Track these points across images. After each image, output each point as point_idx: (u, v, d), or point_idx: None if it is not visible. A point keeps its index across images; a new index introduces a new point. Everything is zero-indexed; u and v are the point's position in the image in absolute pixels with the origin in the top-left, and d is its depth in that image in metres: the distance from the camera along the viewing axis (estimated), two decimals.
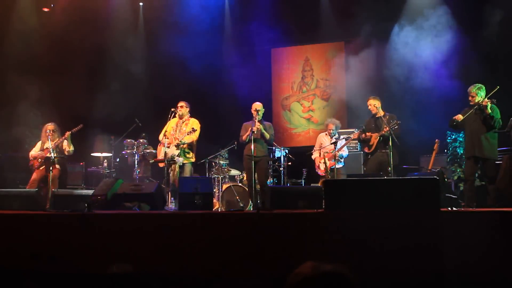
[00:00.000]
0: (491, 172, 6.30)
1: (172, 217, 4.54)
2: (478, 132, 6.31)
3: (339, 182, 5.23)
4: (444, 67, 8.47)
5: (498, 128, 6.27)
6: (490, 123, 6.20)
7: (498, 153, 6.46)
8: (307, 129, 10.73)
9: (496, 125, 6.22)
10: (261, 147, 7.28)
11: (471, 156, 6.38)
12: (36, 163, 7.45)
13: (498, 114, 6.27)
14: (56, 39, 9.61)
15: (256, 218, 4.21)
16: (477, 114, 6.32)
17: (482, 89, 6.35)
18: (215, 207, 7.74)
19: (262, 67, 10.68)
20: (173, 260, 4.04)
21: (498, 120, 6.23)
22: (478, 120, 6.32)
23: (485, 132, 6.27)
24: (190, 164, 7.22)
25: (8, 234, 4.43)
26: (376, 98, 7.25)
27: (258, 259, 3.88)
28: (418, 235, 3.73)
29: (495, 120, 6.19)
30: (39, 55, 9.65)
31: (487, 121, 6.21)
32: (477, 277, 3.54)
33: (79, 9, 9.40)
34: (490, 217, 3.88)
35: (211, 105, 9.88)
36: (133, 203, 5.31)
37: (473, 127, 6.36)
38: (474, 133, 6.34)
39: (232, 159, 9.07)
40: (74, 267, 4.09)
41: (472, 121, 6.36)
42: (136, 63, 10.17)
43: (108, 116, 9.29)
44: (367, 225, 3.82)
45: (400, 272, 3.66)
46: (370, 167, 7.10)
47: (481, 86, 6.37)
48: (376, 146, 6.98)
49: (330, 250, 3.75)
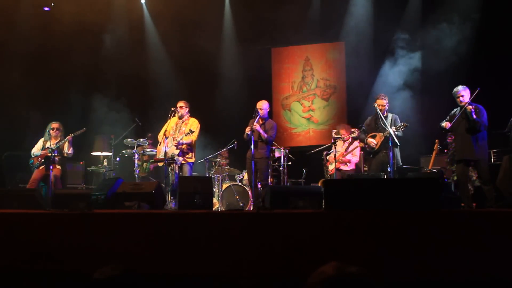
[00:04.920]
0: (485, 174, 6.28)
1: (172, 217, 4.54)
2: (466, 135, 6.29)
3: (339, 182, 5.23)
4: (445, 66, 8.47)
5: (484, 129, 6.26)
6: (476, 128, 6.20)
7: (494, 153, 6.47)
8: (307, 129, 10.73)
9: (481, 128, 6.21)
10: (260, 148, 7.26)
11: (461, 159, 6.38)
12: (36, 162, 7.46)
13: (484, 114, 6.25)
14: (56, 39, 9.60)
15: (256, 218, 4.21)
16: (464, 118, 6.30)
17: (466, 88, 6.37)
18: (215, 206, 7.75)
19: (262, 66, 10.68)
20: (173, 260, 4.04)
21: (484, 123, 6.21)
22: (465, 124, 6.30)
23: (473, 134, 6.26)
24: (190, 164, 7.21)
25: (8, 234, 4.43)
26: (385, 97, 7.16)
27: (258, 259, 3.88)
28: (418, 235, 3.73)
29: (479, 124, 6.17)
30: (39, 55, 9.65)
31: (472, 126, 6.21)
32: (477, 277, 3.55)
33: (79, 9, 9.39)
34: (490, 217, 3.88)
35: (211, 105, 9.88)
36: (133, 202, 5.31)
37: (461, 130, 6.35)
38: (463, 136, 6.32)
39: (232, 158, 9.07)
40: (74, 266, 4.09)
41: (460, 124, 6.35)
42: (136, 63, 10.18)
43: (108, 116, 9.30)
44: (367, 225, 3.82)
45: (400, 272, 3.66)
46: (372, 167, 7.07)
47: (464, 86, 6.38)
48: (380, 146, 6.95)
49: (330, 250, 3.75)
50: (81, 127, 7.71)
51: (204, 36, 9.66)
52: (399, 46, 8.91)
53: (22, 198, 5.71)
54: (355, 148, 7.89)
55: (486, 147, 6.38)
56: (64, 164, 7.63)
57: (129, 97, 9.92)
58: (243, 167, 8.66)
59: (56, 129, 7.54)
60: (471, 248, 3.62)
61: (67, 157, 7.61)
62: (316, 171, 8.60)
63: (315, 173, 8.62)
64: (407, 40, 8.91)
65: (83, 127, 7.74)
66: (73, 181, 8.73)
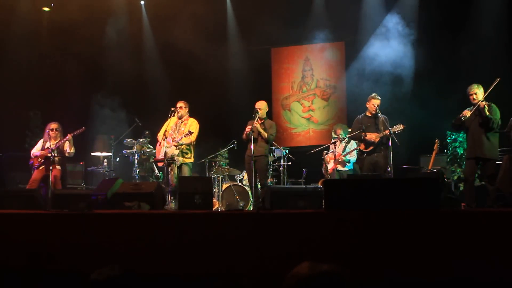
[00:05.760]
0: (492, 173, 6.26)
1: (172, 217, 4.54)
2: (479, 132, 6.27)
3: (339, 182, 5.23)
4: (445, 66, 8.48)
5: (497, 128, 6.25)
6: (488, 125, 6.18)
7: (498, 153, 6.45)
8: (307, 129, 10.74)
9: (495, 126, 6.17)
10: (260, 146, 7.23)
11: (472, 157, 6.36)
12: (36, 162, 7.45)
13: (498, 114, 6.22)
14: (55, 38, 9.61)
15: (256, 218, 4.21)
16: (477, 115, 6.30)
17: (480, 87, 6.33)
18: (214, 206, 7.74)
19: (262, 66, 10.68)
20: (173, 260, 4.03)
21: (497, 121, 6.19)
22: (478, 121, 6.30)
23: (486, 132, 6.25)
24: (189, 164, 7.19)
25: (8, 234, 4.43)
26: (378, 97, 7.14)
27: (258, 259, 3.88)
28: (418, 235, 3.73)
29: (494, 121, 6.15)
30: (39, 55, 9.65)
31: (485, 123, 6.19)
32: (477, 277, 3.54)
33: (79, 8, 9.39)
34: (490, 217, 3.88)
35: (211, 105, 9.87)
36: (133, 202, 5.30)
37: (474, 128, 6.33)
38: (475, 134, 6.31)
39: (232, 159, 9.07)
40: (74, 266, 4.08)
41: (473, 121, 6.35)
42: (135, 63, 10.17)
43: (108, 115, 9.30)
44: (367, 225, 3.82)
45: (400, 272, 3.66)
46: (365, 167, 7.00)
47: (479, 85, 6.35)
48: (375, 146, 6.92)
49: (330, 250, 3.75)
50: (80, 127, 7.70)
51: (204, 36, 9.66)
52: None
53: (22, 198, 5.71)
54: (354, 150, 7.87)
55: (497, 146, 6.34)
56: (64, 164, 7.62)
57: (129, 97, 9.92)
58: (243, 167, 8.65)
59: (55, 129, 7.53)
60: (471, 248, 3.62)
61: (69, 156, 7.60)
62: (316, 171, 8.59)
63: (315, 173, 8.61)
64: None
65: (82, 127, 7.73)
66: (73, 181, 8.74)
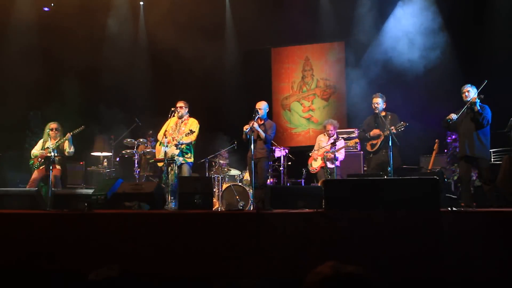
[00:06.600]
0: (486, 173, 6.29)
1: (172, 217, 4.54)
2: (470, 131, 6.33)
3: (339, 182, 5.22)
4: (444, 66, 8.47)
5: (486, 125, 6.28)
6: (479, 121, 6.21)
7: (494, 153, 6.48)
8: (307, 128, 10.74)
9: (484, 122, 6.23)
10: (260, 148, 7.25)
11: (463, 156, 6.41)
12: (36, 162, 7.46)
13: (489, 112, 6.28)
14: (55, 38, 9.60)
15: (256, 218, 4.21)
16: (468, 113, 6.34)
17: (473, 87, 6.42)
18: (215, 206, 7.74)
19: (262, 67, 10.67)
20: (173, 260, 4.04)
21: (487, 118, 6.24)
22: (469, 118, 6.34)
23: (476, 130, 6.27)
24: (189, 164, 7.19)
25: (8, 234, 4.43)
26: (379, 96, 7.14)
27: (258, 259, 3.88)
28: (418, 235, 3.73)
29: (483, 117, 6.20)
30: (39, 55, 9.64)
31: (476, 118, 6.23)
32: (477, 277, 3.54)
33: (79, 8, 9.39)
34: (490, 217, 3.88)
35: (211, 105, 9.87)
36: (133, 202, 5.30)
37: (465, 126, 6.39)
38: (466, 132, 6.36)
39: (232, 159, 9.07)
40: (73, 266, 4.08)
41: (464, 120, 6.39)
42: (136, 62, 10.17)
43: (108, 115, 9.29)
44: (367, 225, 3.82)
45: (400, 272, 3.66)
46: (372, 166, 7.05)
47: (472, 85, 6.45)
48: (380, 145, 6.94)
49: (330, 250, 3.75)
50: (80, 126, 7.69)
51: (204, 36, 9.66)
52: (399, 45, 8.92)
53: (22, 198, 5.70)
54: (342, 147, 7.85)
55: (488, 146, 6.38)
56: (64, 164, 7.63)
57: (129, 97, 9.91)
58: (243, 167, 8.66)
59: (55, 129, 7.54)
60: (471, 248, 3.61)
61: (69, 155, 7.60)
62: (308, 168, 8.58)
63: None
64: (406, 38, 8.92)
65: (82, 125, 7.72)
66: (73, 181, 8.73)
